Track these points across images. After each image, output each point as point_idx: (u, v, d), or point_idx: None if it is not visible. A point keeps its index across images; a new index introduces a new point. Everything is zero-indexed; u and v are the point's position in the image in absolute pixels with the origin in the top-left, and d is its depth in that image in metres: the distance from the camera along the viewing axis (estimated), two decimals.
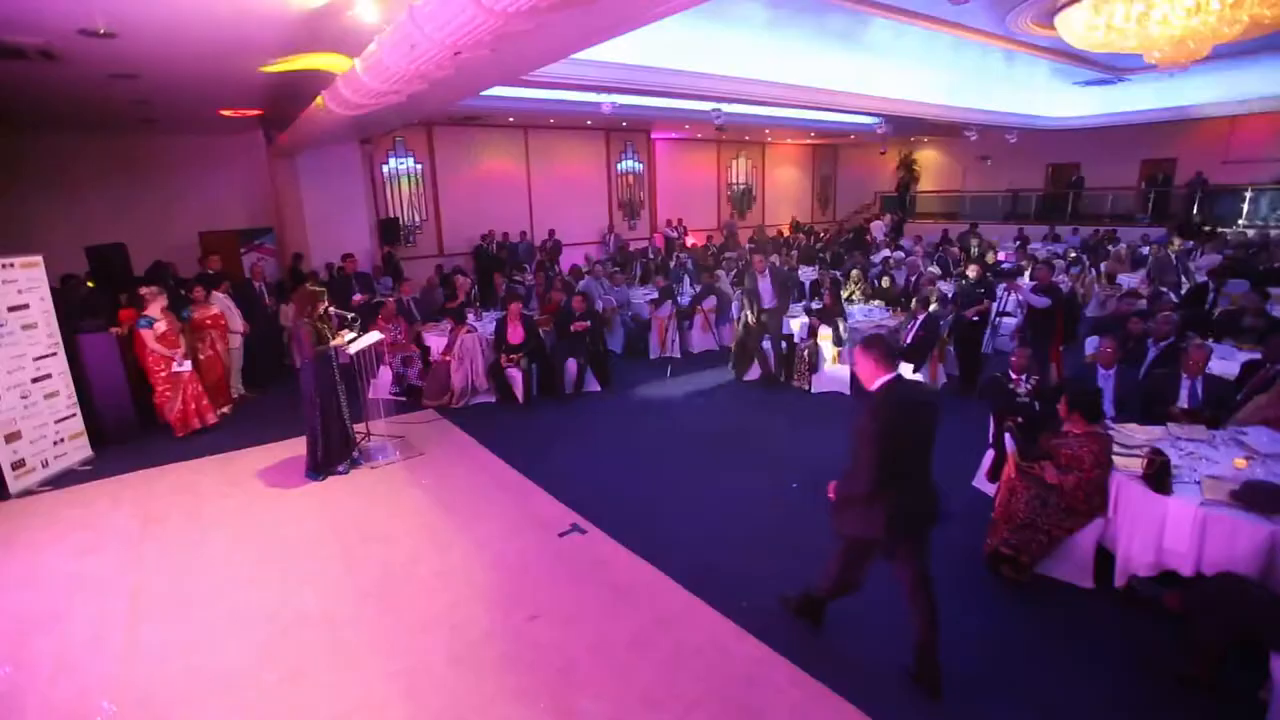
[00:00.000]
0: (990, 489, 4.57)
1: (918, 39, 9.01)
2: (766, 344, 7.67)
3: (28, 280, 5.66)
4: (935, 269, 10.52)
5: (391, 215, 13.31)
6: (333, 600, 3.50)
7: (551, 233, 15.04)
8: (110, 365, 6.32)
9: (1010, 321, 8.30)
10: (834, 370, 7.29)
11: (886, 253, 12.48)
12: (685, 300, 9.69)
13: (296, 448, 5.34)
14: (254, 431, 6.27)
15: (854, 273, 9.75)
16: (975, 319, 7.24)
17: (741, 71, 9.33)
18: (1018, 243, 13.84)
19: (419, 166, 13.82)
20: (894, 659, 3.08)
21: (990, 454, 4.77)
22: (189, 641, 3.23)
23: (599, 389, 7.74)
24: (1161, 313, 5.62)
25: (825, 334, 7.26)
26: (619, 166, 16.93)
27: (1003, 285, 7.86)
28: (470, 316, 8.01)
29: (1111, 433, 3.90)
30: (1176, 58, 6.13)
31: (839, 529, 3.13)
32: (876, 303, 8.68)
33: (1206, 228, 14.34)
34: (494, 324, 7.57)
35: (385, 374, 7.74)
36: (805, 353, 7.45)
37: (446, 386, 7.39)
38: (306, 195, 11.35)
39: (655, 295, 9.54)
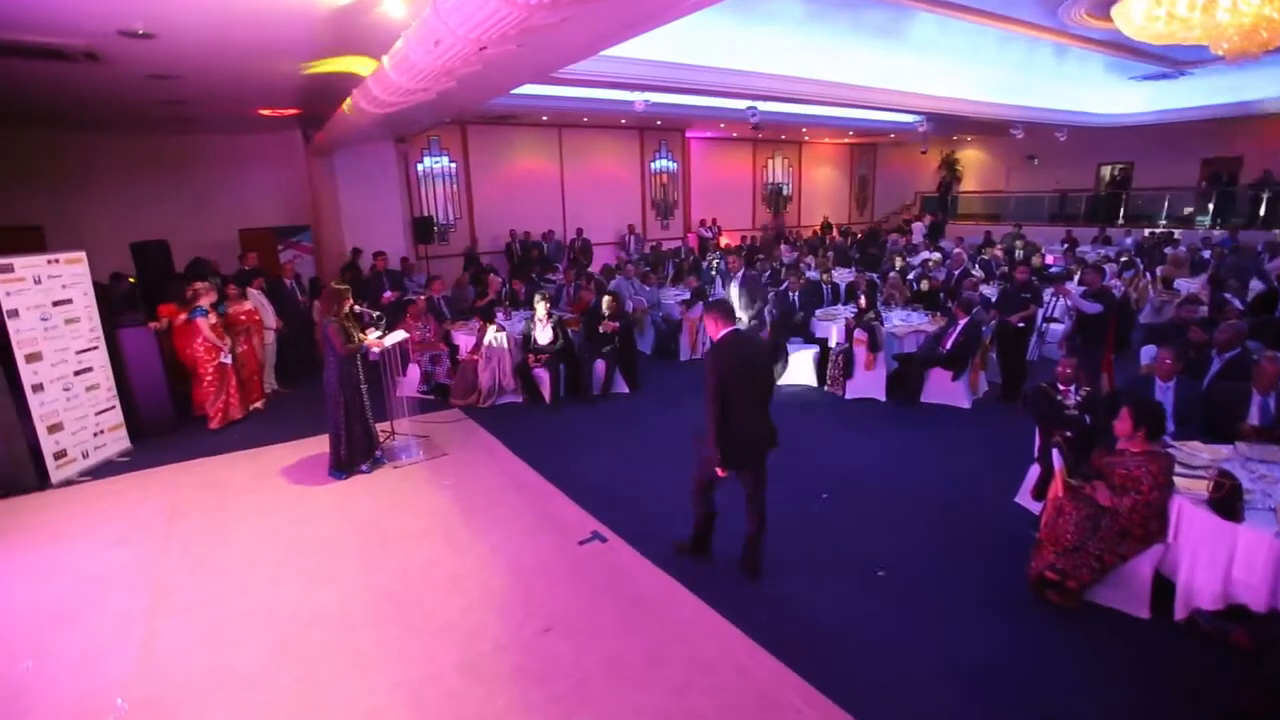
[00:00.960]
0: (1035, 507, 4.32)
1: (963, 34, 8.67)
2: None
3: (71, 276, 5.80)
4: (978, 272, 10.13)
5: (425, 214, 13.43)
6: (349, 601, 3.45)
7: (580, 232, 14.99)
8: (149, 359, 6.46)
9: (1058, 328, 7.92)
10: (869, 376, 7.03)
11: (925, 254, 12.07)
12: None
13: (323, 444, 5.35)
14: (284, 427, 6.33)
15: (891, 275, 9.43)
16: (1020, 325, 6.91)
17: (778, 69, 9.13)
18: (1065, 245, 13.25)
19: (453, 165, 13.92)
20: (913, 683, 2.90)
21: (1035, 469, 4.50)
22: (206, 638, 3.22)
23: (627, 391, 7.63)
24: (1227, 321, 5.25)
25: (860, 339, 7.01)
26: (653, 166, 16.80)
27: (1050, 290, 7.48)
28: (499, 315, 7.98)
29: (1172, 451, 3.62)
30: (1247, 48, 5.70)
31: (699, 453, 3.79)
32: (916, 306, 8.37)
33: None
34: (523, 323, 7.53)
35: (414, 372, 7.77)
36: (840, 358, 7.22)
37: (474, 385, 7.37)
38: (343, 193, 11.52)
39: (687, 296, 9.39)
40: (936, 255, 11.43)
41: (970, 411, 6.65)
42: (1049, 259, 11.49)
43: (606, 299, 7.69)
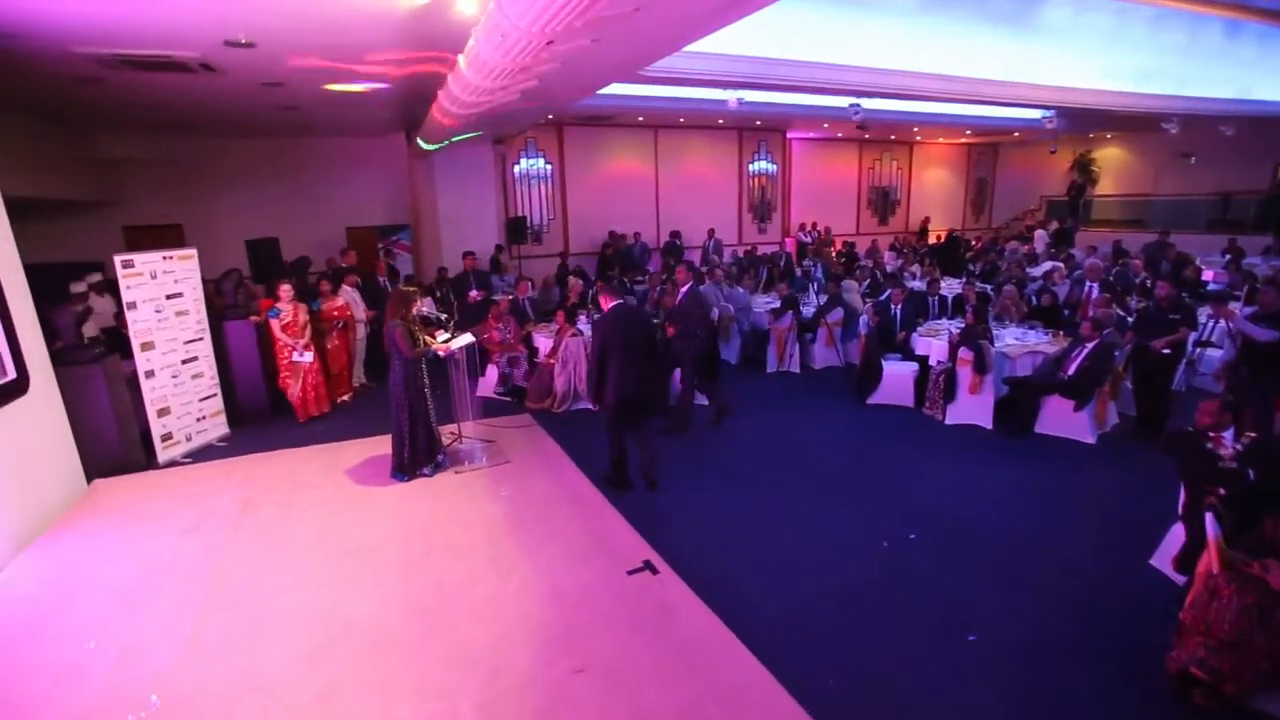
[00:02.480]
0: (1178, 577, 3.57)
1: (1106, 15, 7.64)
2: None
3: (184, 271, 6.22)
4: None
5: (519, 214, 13.66)
6: (384, 613, 3.37)
7: (673, 234, 14.71)
8: (249, 350, 6.84)
9: (1215, 355, 6.75)
10: (973, 400, 6.28)
11: (1048, 265, 10.77)
12: (809, 311, 8.95)
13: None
14: (365, 422, 6.48)
15: (1006, 288, 8.44)
16: (1167, 351, 5.88)
17: (885, 63, 8.41)
18: (1228, 257, 11.43)
19: (549, 167, 14.08)
20: None
21: (1178, 530, 3.73)
22: (244, 638, 3.23)
23: (706, 402, 7.27)
24: None
25: (965, 358, 6.27)
26: (751, 167, 16.27)
27: (1206, 310, 6.36)
28: (581, 319, 7.86)
29: None
30: None
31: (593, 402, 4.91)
32: (1033, 323, 7.43)
33: None
34: None
35: (492, 373, 7.81)
36: (941, 378, 6.50)
37: (549, 389, 7.28)
38: (441, 193, 11.89)
39: (777, 304, 8.87)
40: (1061, 265, 10.15)
41: (1095, 448, 5.77)
42: (1206, 273, 9.91)
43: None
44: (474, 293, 9.06)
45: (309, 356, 6.70)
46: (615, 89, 8.94)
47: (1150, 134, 15.68)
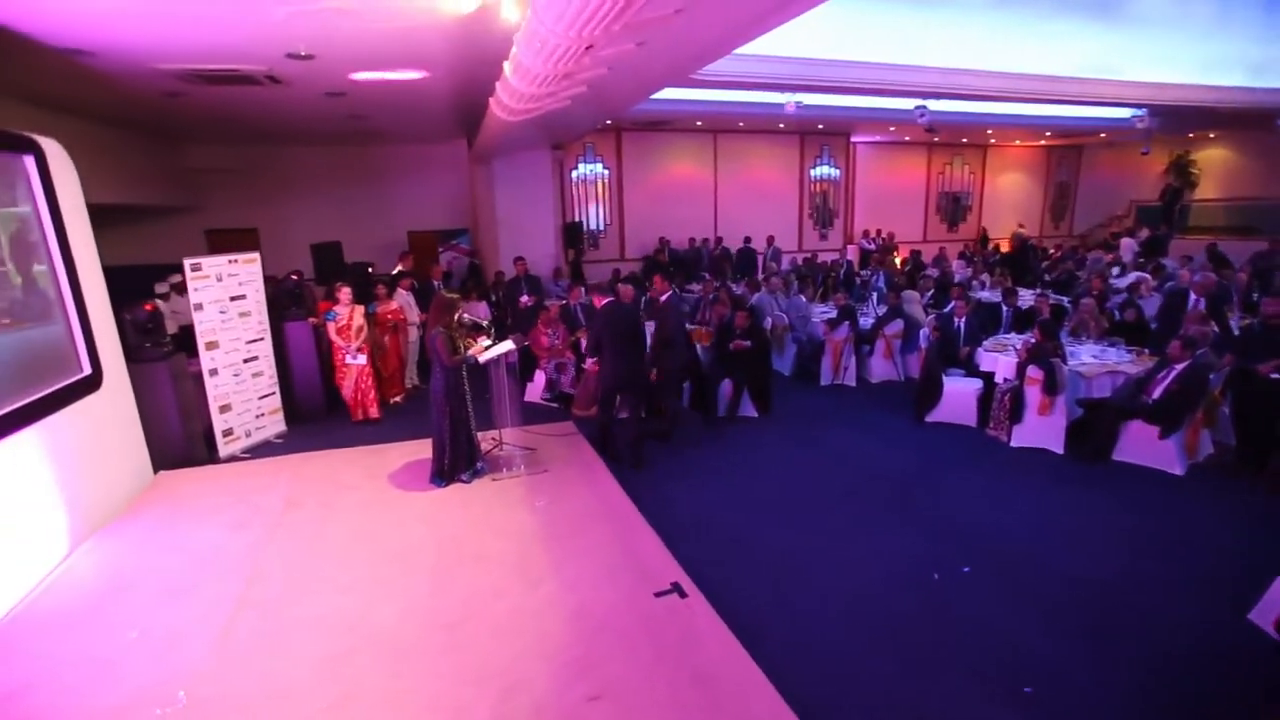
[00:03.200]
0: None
1: (1207, 2, 6.95)
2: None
3: (247, 274, 6.49)
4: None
5: (576, 219, 13.74)
6: (407, 623, 3.35)
7: (719, 240, 14.47)
8: (307, 351, 7.11)
9: None
10: (1043, 422, 5.82)
11: (1134, 276, 9.94)
12: (868, 322, 8.57)
13: None
14: (413, 424, 6.59)
15: (1085, 301, 7.81)
16: (1276, 375, 5.26)
17: (955, 62, 7.98)
18: None
19: (606, 172, 14.11)
20: None
21: None
22: (271, 640, 3.27)
23: (755, 415, 7.06)
24: None
25: (1034, 377, 5.82)
26: (812, 172, 15.84)
27: None
28: None
29: None
30: None
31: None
32: (1114, 340, 6.84)
33: None
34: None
35: (540, 379, 7.83)
36: (1006, 397, 6.06)
37: (596, 397, 7.22)
38: (499, 198, 12.08)
39: (833, 314, 8.54)
40: (1148, 277, 9.33)
41: (1183, 480, 5.22)
42: None
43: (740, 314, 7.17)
44: (525, 298, 9.12)
45: (361, 359, 6.87)
46: (670, 93, 8.85)
47: (1261, 132, 14.30)
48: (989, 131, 15.23)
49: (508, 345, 5.30)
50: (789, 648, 3.25)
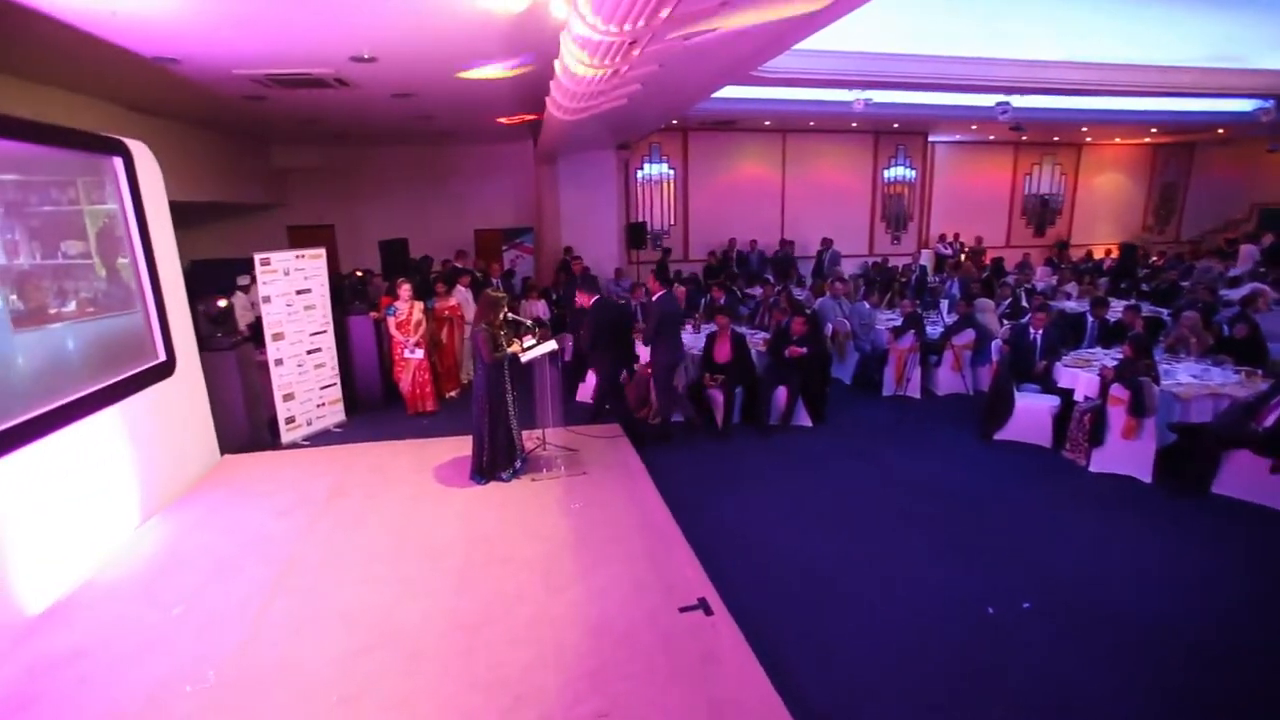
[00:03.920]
0: None
1: None
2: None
3: (313, 269, 6.76)
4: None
5: (640, 220, 13.70)
6: (428, 623, 3.35)
7: (783, 243, 14.05)
8: (367, 344, 7.36)
9: None
10: (1128, 447, 5.29)
11: (1250, 287, 8.91)
12: (937, 331, 8.09)
13: None
14: (467, 419, 6.59)
15: (1187, 314, 7.06)
16: None
17: (1042, 53, 7.39)
18: None
19: (672, 172, 14.00)
20: None
21: None
22: (298, 629, 3.33)
23: (810, 424, 6.78)
24: None
25: (1119, 396, 5.29)
26: (886, 174, 15.18)
27: None
28: (688, 327, 7.65)
29: None
30: None
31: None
32: (1220, 359, 6.14)
33: None
34: (705, 339, 7.11)
35: (592, 379, 7.80)
36: (1086, 417, 5.55)
37: (646, 398, 7.13)
38: (564, 198, 12.22)
39: (899, 322, 8.11)
40: (1267, 289, 8.34)
41: None
42: None
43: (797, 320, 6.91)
44: (581, 297, 9.11)
45: (419, 354, 7.05)
46: (734, 92, 8.66)
47: None
48: (1084, 129, 14.14)
49: (551, 345, 5.28)
50: (818, 679, 3.05)
